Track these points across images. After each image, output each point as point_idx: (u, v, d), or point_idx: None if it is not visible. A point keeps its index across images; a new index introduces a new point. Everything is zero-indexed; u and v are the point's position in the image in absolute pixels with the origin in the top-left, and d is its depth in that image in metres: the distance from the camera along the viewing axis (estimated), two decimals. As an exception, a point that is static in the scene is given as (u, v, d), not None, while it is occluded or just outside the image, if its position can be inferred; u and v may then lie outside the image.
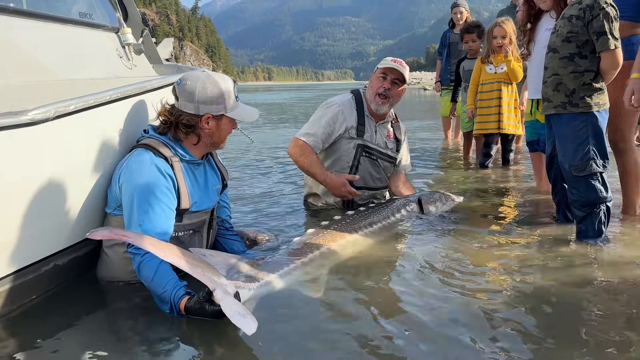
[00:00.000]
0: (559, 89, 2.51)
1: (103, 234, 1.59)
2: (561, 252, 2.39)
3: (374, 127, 3.23)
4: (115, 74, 2.59)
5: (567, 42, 2.46)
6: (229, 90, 2.11)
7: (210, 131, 2.12)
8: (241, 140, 7.43)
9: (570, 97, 2.47)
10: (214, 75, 2.13)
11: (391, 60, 3.14)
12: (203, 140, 2.15)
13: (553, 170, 2.76)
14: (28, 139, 1.69)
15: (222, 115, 2.11)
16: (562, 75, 2.50)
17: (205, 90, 2.05)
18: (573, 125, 2.48)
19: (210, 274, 1.67)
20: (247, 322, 1.53)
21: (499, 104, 4.53)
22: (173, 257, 1.63)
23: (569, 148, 2.49)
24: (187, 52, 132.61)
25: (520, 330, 1.65)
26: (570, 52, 2.46)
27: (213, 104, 2.07)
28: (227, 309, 1.58)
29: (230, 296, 1.64)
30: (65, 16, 2.40)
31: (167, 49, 5.45)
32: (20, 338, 1.68)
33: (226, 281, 1.71)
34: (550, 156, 2.76)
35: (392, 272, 2.18)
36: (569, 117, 2.49)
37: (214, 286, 1.64)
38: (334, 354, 1.54)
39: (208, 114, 2.07)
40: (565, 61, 2.48)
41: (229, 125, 2.16)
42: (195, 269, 1.65)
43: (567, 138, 2.50)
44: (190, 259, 1.67)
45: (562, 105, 2.51)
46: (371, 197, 3.30)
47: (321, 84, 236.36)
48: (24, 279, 1.82)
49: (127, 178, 1.97)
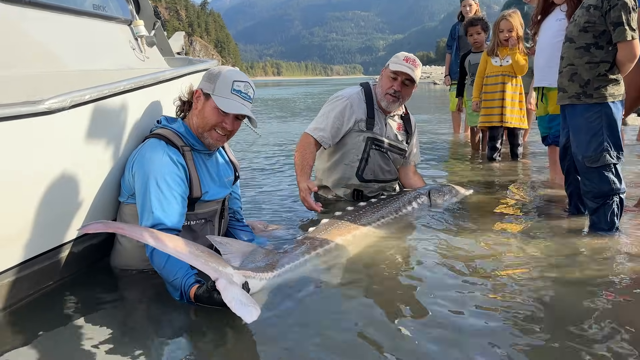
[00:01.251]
0: (574, 79, 2.49)
1: (97, 227, 1.54)
2: (573, 244, 2.37)
3: (383, 120, 3.22)
4: (128, 65, 2.61)
5: (584, 32, 2.44)
6: (228, 77, 2.07)
7: (197, 109, 2.12)
8: (248, 133, 7.48)
9: (584, 87, 2.45)
10: (234, 68, 2.16)
11: (403, 60, 3.06)
12: (191, 117, 2.14)
13: (566, 161, 2.74)
14: (45, 127, 1.72)
15: (209, 96, 2.07)
16: (577, 66, 2.48)
17: (212, 70, 2.11)
18: (587, 116, 2.46)
19: (213, 264, 1.68)
20: (248, 310, 1.54)
21: (502, 97, 4.52)
22: (172, 247, 1.62)
23: (583, 139, 2.47)
24: (197, 48, 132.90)
25: (532, 323, 1.65)
26: (587, 42, 2.44)
27: (206, 80, 2.10)
28: (227, 297, 1.58)
29: (233, 285, 1.65)
30: (79, 8, 2.42)
31: (178, 42, 5.46)
32: (36, 323, 1.71)
33: (232, 271, 1.72)
34: (563, 147, 2.74)
35: (404, 266, 2.18)
36: (583, 108, 2.47)
37: (217, 275, 1.66)
38: (344, 347, 1.55)
39: (200, 88, 2.12)
40: (581, 51, 2.46)
41: (213, 113, 2.06)
42: (197, 259, 1.65)
43: (581, 129, 2.48)
44: (191, 248, 1.66)
45: (576, 95, 2.49)
46: (381, 189, 3.30)
47: (330, 79, 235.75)
48: (40, 265, 1.86)
49: (140, 167, 2.00)
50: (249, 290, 1.73)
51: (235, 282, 1.68)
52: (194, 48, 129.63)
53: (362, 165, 3.17)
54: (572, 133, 2.56)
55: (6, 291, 1.75)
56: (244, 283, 1.72)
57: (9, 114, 1.58)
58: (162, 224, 1.91)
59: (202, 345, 1.59)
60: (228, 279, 1.67)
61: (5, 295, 1.75)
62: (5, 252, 1.69)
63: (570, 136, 2.59)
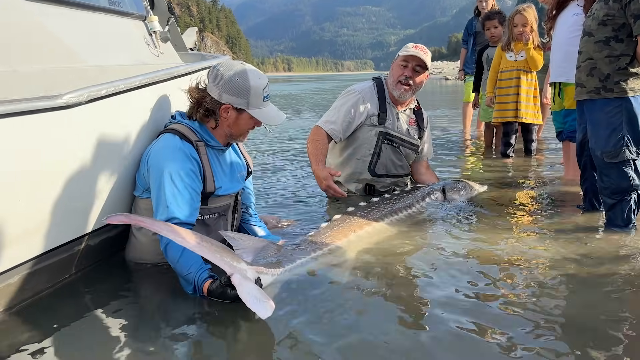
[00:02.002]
0: (593, 74, 2.45)
1: (119, 219, 1.58)
2: (588, 240, 2.35)
3: (395, 114, 3.21)
4: (143, 61, 2.63)
5: (603, 26, 2.39)
6: (257, 87, 2.04)
7: (228, 122, 2.10)
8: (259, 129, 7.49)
9: (604, 82, 2.41)
10: (250, 69, 2.08)
11: (412, 47, 3.10)
12: (221, 127, 2.14)
13: (583, 157, 2.71)
14: (62, 121, 1.74)
15: (243, 110, 2.07)
16: (596, 60, 2.43)
17: (233, 80, 2.02)
18: (607, 111, 2.41)
19: (229, 259, 1.70)
20: (263, 305, 1.55)
21: (517, 92, 4.47)
22: (190, 242, 1.64)
23: (602, 134, 2.43)
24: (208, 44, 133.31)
25: (547, 322, 1.63)
26: (606, 35, 2.39)
27: (236, 96, 2.04)
28: (242, 293, 1.59)
29: (247, 281, 1.66)
30: (95, 4, 2.44)
31: (191, 38, 5.49)
32: (52, 316, 1.74)
33: (246, 266, 1.73)
34: (580, 143, 2.70)
35: (416, 263, 2.17)
36: (602, 102, 2.43)
37: (232, 271, 1.67)
38: (353, 344, 1.54)
39: (228, 104, 2.06)
40: (600, 45, 2.41)
41: (250, 122, 2.11)
42: (213, 254, 1.67)
43: (601, 124, 2.44)
44: (208, 244, 1.68)
45: (595, 90, 2.45)
46: (393, 184, 3.30)
47: (341, 74, 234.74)
48: (57, 258, 1.89)
49: (155, 162, 2.02)
50: (262, 286, 1.74)
51: (249, 277, 1.70)
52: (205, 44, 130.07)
53: (374, 160, 3.17)
54: (590, 128, 2.52)
55: (24, 283, 1.78)
56: (257, 278, 1.74)
57: (28, 108, 1.60)
58: (176, 218, 1.93)
59: (215, 339, 1.61)
60: (242, 274, 1.68)
61: (23, 288, 1.78)
62: (23, 244, 1.72)
63: (587, 131, 2.55)
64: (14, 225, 1.65)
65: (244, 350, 1.55)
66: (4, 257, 1.66)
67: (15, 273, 1.73)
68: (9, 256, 1.67)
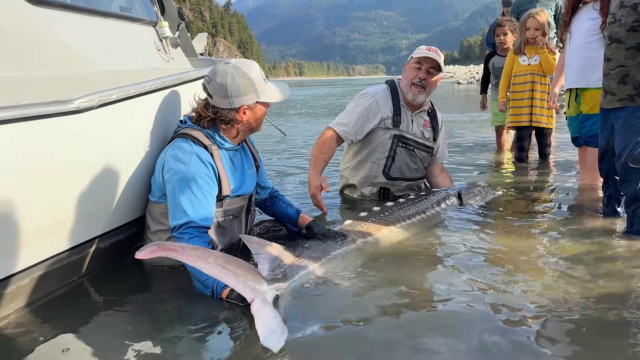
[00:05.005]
0: (626, 81, 2.39)
1: (151, 250, 1.44)
2: (609, 247, 2.28)
3: (410, 117, 3.17)
4: (153, 66, 2.63)
5: (634, 32, 2.34)
6: (257, 76, 2.11)
7: (248, 121, 2.15)
8: (274, 132, 7.50)
9: (638, 89, 2.35)
10: (240, 64, 2.12)
11: (426, 49, 3.08)
12: (242, 131, 2.19)
13: (605, 163, 2.64)
14: (74, 126, 1.75)
15: (255, 102, 2.13)
16: (629, 67, 2.38)
17: (235, 83, 2.05)
18: (638, 115, 2.36)
19: (251, 282, 1.66)
20: (274, 340, 1.48)
21: (531, 96, 4.38)
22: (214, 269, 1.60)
23: (631, 139, 2.38)
24: (220, 49, 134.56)
25: (564, 327, 1.59)
26: (637, 42, 2.33)
27: (245, 94, 2.08)
28: (259, 323, 1.53)
29: (266, 307, 1.61)
30: (106, 10, 2.45)
31: (201, 43, 5.52)
32: (64, 316, 1.74)
33: (267, 287, 1.70)
34: (603, 149, 2.64)
35: (431, 268, 2.13)
36: (634, 108, 2.38)
37: (253, 295, 1.64)
38: (365, 346, 1.52)
39: (243, 105, 2.09)
40: (633, 52, 2.35)
41: (263, 108, 2.18)
42: (237, 278, 1.64)
43: (631, 129, 2.38)
44: (233, 266, 1.64)
45: (629, 98, 2.39)
46: (408, 188, 3.26)
47: (352, 79, 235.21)
48: (70, 259, 1.91)
49: (170, 167, 2.02)
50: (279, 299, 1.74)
51: (268, 300, 1.66)
52: (218, 49, 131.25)
53: (388, 163, 3.13)
54: (619, 133, 2.45)
55: (36, 285, 1.79)
56: (275, 297, 1.73)
57: (40, 112, 1.62)
58: (193, 222, 1.94)
59: (230, 342, 1.59)
60: (262, 297, 1.65)
61: (35, 289, 1.80)
62: (34, 247, 1.73)
63: (613, 137, 2.49)
64: (26, 228, 1.66)
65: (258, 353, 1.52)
66: (16, 259, 1.67)
67: (27, 275, 1.75)
68: (21, 258, 1.68)
